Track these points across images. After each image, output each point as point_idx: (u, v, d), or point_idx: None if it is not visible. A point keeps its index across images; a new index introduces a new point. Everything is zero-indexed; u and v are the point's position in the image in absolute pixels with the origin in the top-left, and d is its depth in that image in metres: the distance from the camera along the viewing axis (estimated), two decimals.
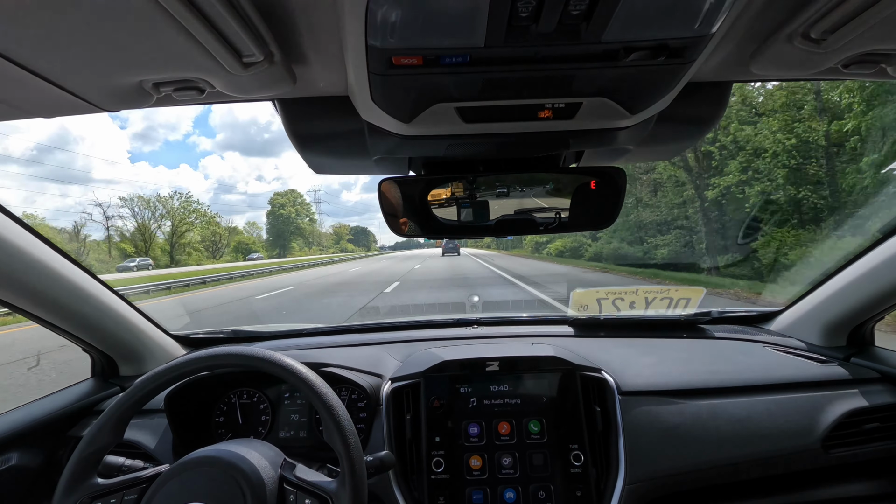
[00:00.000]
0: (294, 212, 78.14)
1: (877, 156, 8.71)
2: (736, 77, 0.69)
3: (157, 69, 0.53)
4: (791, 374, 1.15)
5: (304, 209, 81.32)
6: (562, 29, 0.45)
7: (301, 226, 79.32)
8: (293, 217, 77.53)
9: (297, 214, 78.20)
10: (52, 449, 1.08)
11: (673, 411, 1.06)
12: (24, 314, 1.01)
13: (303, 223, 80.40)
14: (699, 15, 0.44)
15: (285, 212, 77.05)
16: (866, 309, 1.18)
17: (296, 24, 0.50)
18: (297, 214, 78.66)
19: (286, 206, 78.21)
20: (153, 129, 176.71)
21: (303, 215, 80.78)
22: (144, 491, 0.75)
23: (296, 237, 77.25)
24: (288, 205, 78.29)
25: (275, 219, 77.49)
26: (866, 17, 0.45)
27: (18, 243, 0.90)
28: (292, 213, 77.67)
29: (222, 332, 1.52)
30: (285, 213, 76.97)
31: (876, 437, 1.08)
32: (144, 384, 0.79)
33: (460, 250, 45.13)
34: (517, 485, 1.01)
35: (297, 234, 77.90)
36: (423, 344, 1.36)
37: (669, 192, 16.17)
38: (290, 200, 79.72)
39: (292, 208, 78.18)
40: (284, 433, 1.16)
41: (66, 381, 1.22)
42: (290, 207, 77.91)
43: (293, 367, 0.78)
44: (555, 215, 0.80)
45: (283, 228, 76.46)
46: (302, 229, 79.41)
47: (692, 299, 1.57)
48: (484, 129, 0.66)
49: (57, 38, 0.45)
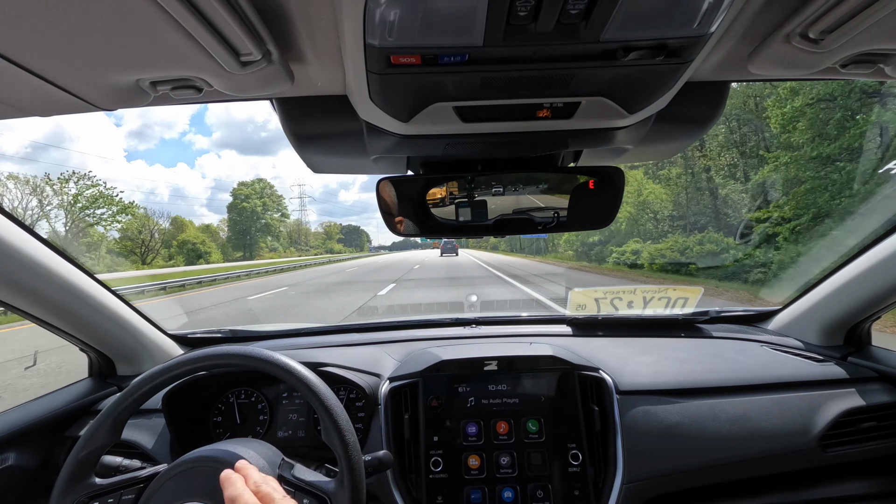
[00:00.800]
0: (261, 205, 64.27)
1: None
2: (734, 77, 0.69)
3: (154, 68, 0.52)
4: (788, 374, 1.15)
5: (275, 202, 67.55)
6: (560, 28, 0.45)
7: (270, 222, 65.83)
8: (259, 211, 63.94)
9: (264, 208, 64.62)
10: (49, 449, 1.07)
11: (671, 410, 1.06)
12: (20, 314, 1.00)
13: (272, 219, 66.62)
14: (698, 14, 0.44)
15: (249, 205, 63.31)
16: (863, 308, 1.19)
17: (294, 22, 0.50)
18: (266, 208, 65.12)
19: (251, 197, 64.41)
20: (149, 126, 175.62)
21: (272, 209, 66.85)
22: (142, 491, 0.75)
23: (264, 236, 64.69)
24: (254, 196, 64.51)
25: (238, 214, 63.81)
26: (864, 18, 0.45)
27: (15, 242, 0.90)
28: (258, 206, 63.76)
29: (220, 331, 1.52)
30: (249, 206, 63.16)
31: (873, 436, 1.09)
32: (142, 384, 0.79)
33: (459, 251, 45.16)
34: (515, 484, 1.01)
35: (265, 231, 65.18)
36: (421, 343, 1.36)
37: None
38: (256, 191, 65.63)
39: (258, 200, 64.29)
40: (282, 433, 1.16)
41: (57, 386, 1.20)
42: (255, 199, 64.15)
43: (291, 367, 0.78)
44: (553, 215, 0.80)
45: (248, 225, 63.25)
46: (271, 226, 66.16)
47: (690, 299, 1.57)
48: (482, 128, 0.66)
49: (53, 37, 0.45)
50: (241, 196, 64.35)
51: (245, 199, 64.00)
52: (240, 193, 64.79)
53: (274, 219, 66.80)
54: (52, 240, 0.97)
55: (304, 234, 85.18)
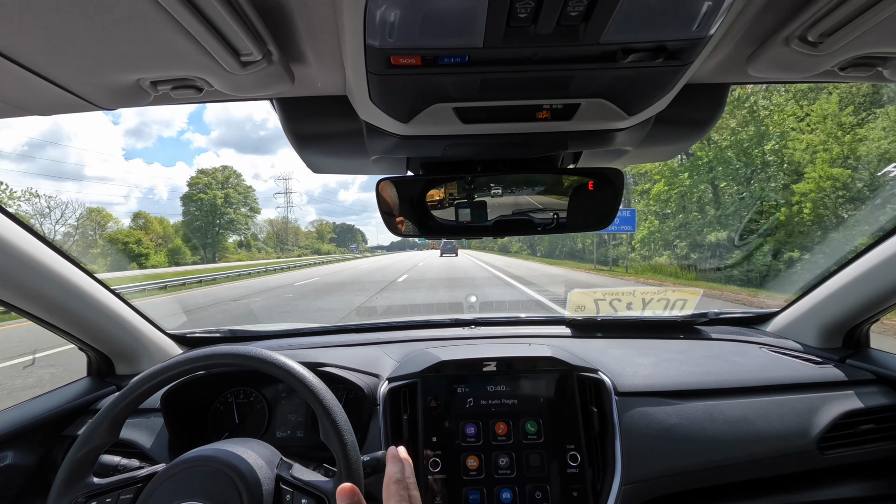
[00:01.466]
0: (222, 197, 52.39)
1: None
2: (733, 79, 0.69)
3: (154, 68, 0.52)
4: (787, 376, 1.15)
5: (242, 194, 55.73)
6: (560, 30, 0.45)
7: (235, 218, 54.12)
8: (220, 205, 52.11)
9: (226, 201, 52.99)
10: (47, 448, 1.07)
11: (669, 412, 1.06)
12: (19, 312, 1.00)
13: (238, 214, 54.50)
14: (697, 17, 0.44)
15: (207, 196, 51.53)
16: (862, 311, 1.19)
17: (294, 23, 0.50)
18: (229, 202, 53.39)
19: (211, 187, 52.29)
20: (147, 125, 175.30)
21: (237, 203, 54.78)
22: (140, 490, 0.75)
23: (227, 233, 53.81)
24: (214, 186, 52.64)
25: (196, 208, 52.07)
26: (863, 20, 0.45)
27: (14, 241, 0.90)
28: (218, 198, 51.66)
29: (219, 331, 1.51)
30: (207, 197, 51.42)
31: (871, 438, 1.09)
32: (140, 383, 0.79)
33: (458, 252, 45.11)
34: (514, 485, 1.01)
35: (229, 229, 54.08)
36: (420, 344, 1.36)
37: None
38: (218, 181, 53.57)
39: (219, 192, 52.37)
40: (281, 433, 1.16)
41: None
42: (215, 190, 52.22)
43: (290, 367, 0.78)
44: (552, 216, 0.80)
45: (208, 221, 51.54)
46: (236, 222, 54.43)
47: (689, 300, 1.57)
48: (482, 129, 0.66)
49: (54, 36, 0.45)
50: (200, 186, 52.64)
51: (203, 190, 52.37)
52: (197, 183, 52.76)
53: (240, 214, 55.55)
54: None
55: (293, 233, 77.41)
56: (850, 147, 10.58)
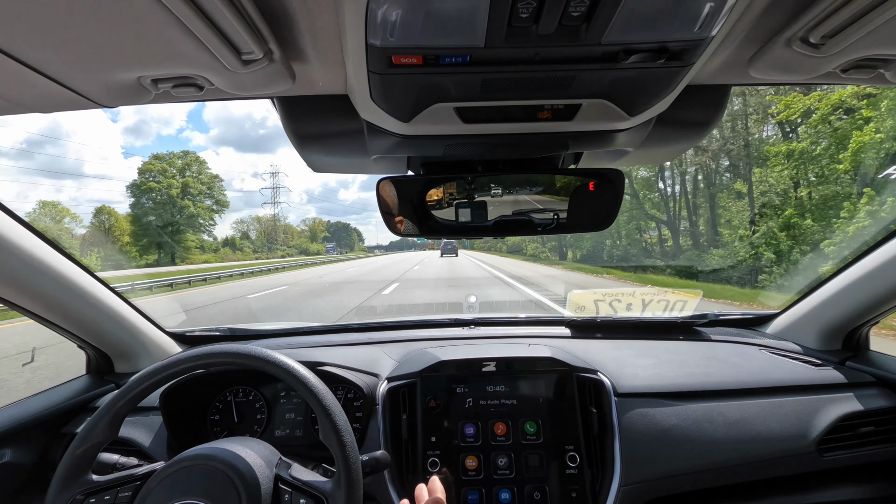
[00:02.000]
0: (179, 187, 42.76)
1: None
2: (735, 80, 0.69)
3: (155, 66, 0.52)
4: (786, 378, 1.15)
5: (206, 184, 45.49)
6: (562, 30, 0.45)
7: (196, 213, 44.29)
8: (176, 196, 42.44)
9: (184, 192, 43.46)
10: (46, 446, 1.07)
11: (669, 413, 1.06)
12: (18, 310, 1.00)
13: (200, 208, 44.65)
14: (699, 18, 0.44)
15: (160, 185, 42.07)
16: (862, 313, 1.19)
17: (296, 22, 0.50)
18: (186, 192, 43.68)
19: (166, 175, 42.73)
20: (146, 123, 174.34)
21: (199, 194, 44.88)
22: (139, 488, 0.75)
23: (186, 231, 43.74)
24: (169, 174, 43.29)
25: (149, 199, 42.77)
26: (865, 22, 0.45)
27: (14, 239, 0.90)
28: (174, 187, 42.17)
29: (218, 329, 1.51)
30: (160, 186, 42.03)
31: (870, 440, 1.09)
32: (140, 381, 0.79)
33: (458, 252, 45.09)
34: (512, 485, 1.01)
35: (190, 227, 44.04)
36: (419, 344, 1.35)
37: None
38: (176, 167, 43.99)
39: (175, 181, 42.89)
40: (280, 432, 1.16)
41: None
42: (171, 179, 42.79)
43: (289, 366, 0.78)
44: (553, 216, 0.80)
45: (163, 216, 41.98)
46: (198, 217, 44.64)
47: (689, 302, 1.57)
48: (483, 129, 0.66)
49: (55, 34, 0.45)
50: (153, 174, 42.80)
51: (156, 178, 42.42)
52: (150, 170, 42.48)
53: (201, 207, 44.92)
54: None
55: (283, 232, 70.77)
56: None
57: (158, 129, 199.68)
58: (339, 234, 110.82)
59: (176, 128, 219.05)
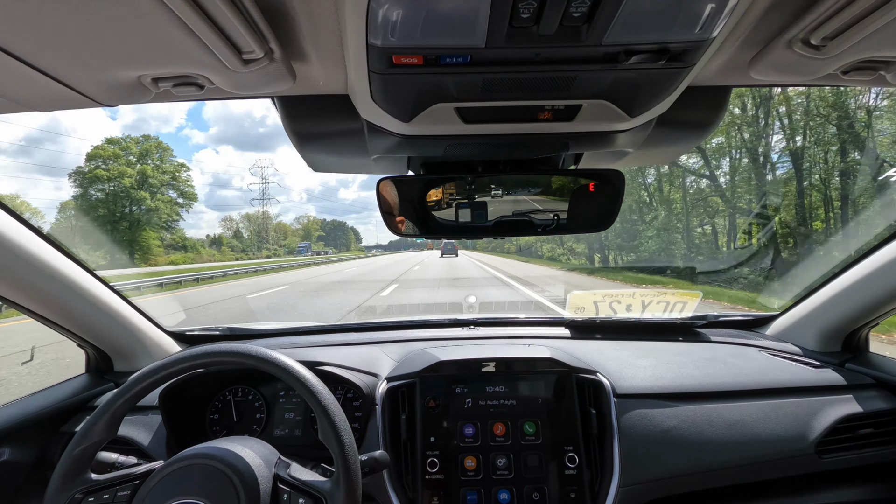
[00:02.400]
0: (133, 175, 36.25)
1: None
2: (735, 82, 0.69)
3: (156, 65, 0.52)
4: (786, 379, 1.15)
5: (168, 173, 39.04)
6: (563, 31, 0.45)
7: (155, 207, 37.54)
8: (130, 186, 35.78)
9: (141, 182, 36.68)
10: (45, 444, 1.07)
11: (668, 414, 1.06)
12: (18, 308, 1.00)
13: (160, 201, 38.11)
14: (700, 19, 0.44)
15: (109, 173, 35.44)
16: (861, 315, 1.19)
17: (296, 21, 0.50)
18: (144, 182, 36.97)
19: (117, 161, 35.89)
20: (144, 121, 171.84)
21: (160, 185, 38.47)
22: (137, 487, 0.75)
23: (145, 228, 36.69)
24: (122, 160, 36.39)
25: (99, 190, 35.98)
26: (866, 25, 0.45)
27: (13, 237, 0.89)
28: (128, 176, 35.72)
29: (218, 329, 1.51)
30: (109, 174, 35.44)
31: (869, 442, 1.09)
32: (139, 380, 0.79)
33: (458, 252, 45.11)
34: (511, 486, 1.01)
35: (149, 223, 37.19)
36: (419, 344, 1.35)
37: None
38: (133, 153, 37.41)
39: (129, 168, 36.31)
40: (279, 431, 1.16)
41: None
42: (122, 165, 36.10)
43: (289, 366, 0.78)
44: (553, 217, 0.80)
45: (114, 210, 35.51)
46: (158, 212, 37.77)
47: (689, 303, 1.57)
48: (483, 129, 0.66)
49: (56, 32, 0.45)
50: (102, 160, 35.50)
51: (107, 163, 35.11)
52: (98, 155, 35.12)
53: (161, 200, 37.92)
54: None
55: (275, 230, 67.16)
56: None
57: (158, 127, 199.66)
58: (335, 233, 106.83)
59: (175, 126, 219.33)
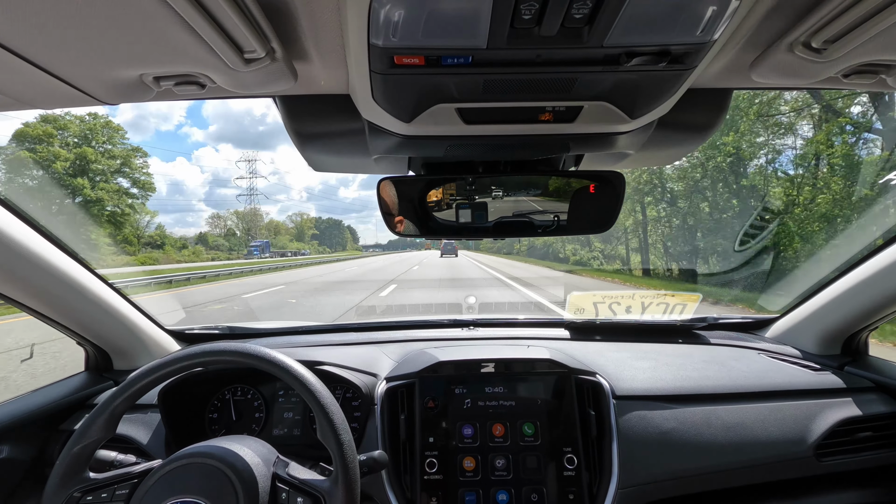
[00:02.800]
0: (68, 159, 28.61)
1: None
2: (736, 84, 0.69)
3: (157, 63, 0.52)
4: (785, 382, 1.15)
5: (117, 157, 31.02)
6: (564, 32, 0.45)
7: (97, 197, 29.13)
8: (62, 170, 28.28)
9: (82, 167, 28.96)
10: (43, 442, 1.07)
11: (667, 416, 1.06)
12: (17, 305, 1.00)
13: (105, 190, 29.92)
14: (701, 22, 0.44)
15: (37, 156, 28.27)
16: (861, 318, 1.19)
17: (298, 21, 0.50)
18: (85, 168, 29.14)
19: (52, 142, 28.73)
20: (144, 118, 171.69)
21: (107, 172, 30.41)
22: (136, 486, 0.75)
23: (94, 225, 28.46)
24: (56, 141, 29.13)
25: (29, 176, 27.74)
26: (867, 28, 0.45)
27: (13, 234, 0.89)
28: (62, 158, 28.30)
29: (217, 328, 1.51)
30: (40, 157, 28.31)
31: (868, 445, 1.09)
32: (138, 379, 0.78)
33: (458, 252, 45.25)
34: (510, 487, 1.01)
35: (93, 217, 28.85)
36: (418, 344, 1.35)
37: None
38: (73, 132, 29.67)
39: (65, 151, 28.99)
40: (278, 431, 1.16)
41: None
42: (56, 147, 28.86)
43: (288, 365, 0.78)
44: (553, 218, 0.80)
45: (39, 201, 26.68)
46: (103, 203, 29.43)
47: (688, 305, 1.57)
48: (484, 130, 0.66)
49: (58, 30, 0.45)
50: (32, 140, 28.44)
51: (31, 147, 28.44)
52: (25, 135, 28.25)
53: (107, 189, 30.05)
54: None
55: (267, 228, 64.72)
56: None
57: (157, 124, 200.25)
58: (331, 231, 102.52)
59: (175, 124, 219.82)
